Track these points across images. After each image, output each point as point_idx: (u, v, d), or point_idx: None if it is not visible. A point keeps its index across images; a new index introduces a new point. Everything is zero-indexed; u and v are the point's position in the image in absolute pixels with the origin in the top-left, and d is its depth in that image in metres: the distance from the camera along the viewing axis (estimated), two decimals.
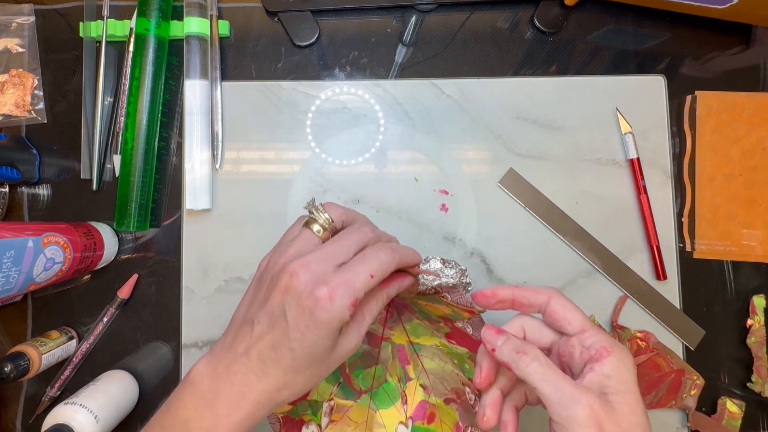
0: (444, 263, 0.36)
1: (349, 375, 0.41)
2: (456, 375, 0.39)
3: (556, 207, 0.46)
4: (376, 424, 0.39)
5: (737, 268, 0.46)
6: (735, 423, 0.44)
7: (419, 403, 0.40)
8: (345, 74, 0.48)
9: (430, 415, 0.39)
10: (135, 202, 0.43)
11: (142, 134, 0.44)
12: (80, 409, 0.38)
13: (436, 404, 0.39)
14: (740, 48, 0.48)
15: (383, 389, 0.40)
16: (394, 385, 0.40)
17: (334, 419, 0.39)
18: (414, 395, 0.40)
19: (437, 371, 0.40)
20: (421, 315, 0.40)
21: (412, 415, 0.40)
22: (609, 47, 0.48)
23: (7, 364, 0.39)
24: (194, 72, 0.45)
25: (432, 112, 0.47)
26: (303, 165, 0.46)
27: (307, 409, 0.39)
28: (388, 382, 0.40)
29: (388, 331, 0.41)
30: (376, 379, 0.40)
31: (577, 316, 0.30)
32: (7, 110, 0.47)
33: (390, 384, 0.40)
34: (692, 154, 0.46)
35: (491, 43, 0.48)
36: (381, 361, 0.41)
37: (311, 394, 0.39)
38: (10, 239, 0.34)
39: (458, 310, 0.37)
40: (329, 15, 0.48)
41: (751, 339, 0.45)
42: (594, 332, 0.29)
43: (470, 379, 0.38)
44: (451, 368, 0.40)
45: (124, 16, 0.47)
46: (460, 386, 0.39)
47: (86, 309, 0.46)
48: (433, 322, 0.40)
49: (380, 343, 0.41)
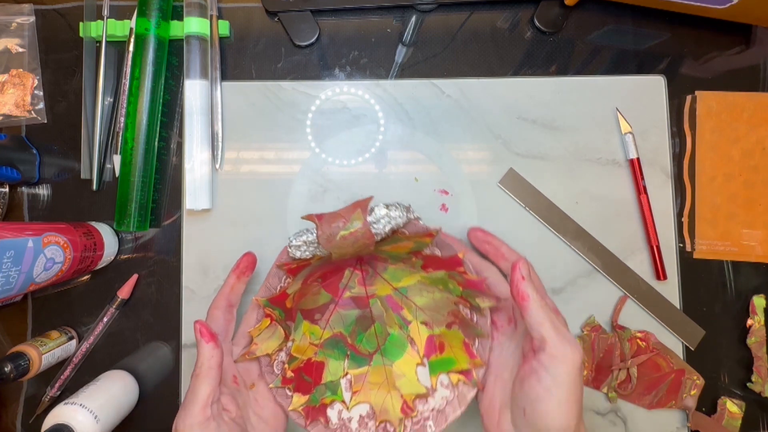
0: (388, 207, 0.37)
1: (353, 344, 0.41)
2: (446, 299, 0.40)
3: (556, 207, 0.46)
4: (396, 376, 0.40)
5: (737, 268, 0.46)
6: (735, 423, 0.44)
7: (426, 340, 0.41)
8: (345, 74, 0.48)
9: (440, 345, 0.40)
10: (135, 202, 0.43)
11: (142, 134, 0.44)
12: (80, 409, 0.38)
13: (441, 333, 0.40)
14: (740, 48, 0.48)
15: (389, 342, 0.41)
16: (397, 334, 0.41)
17: (355, 390, 0.40)
18: (419, 335, 0.41)
19: (429, 304, 0.41)
20: (392, 260, 0.41)
21: (424, 353, 0.41)
22: (609, 47, 0.48)
23: (7, 364, 0.39)
24: (194, 72, 0.45)
25: (432, 112, 0.47)
26: (303, 165, 0.46)
27: (325, 392, 0.40)
28: (391, 334, 0.41)
29: (370, 288, 0.42)
30: (379, 336, 0.41)
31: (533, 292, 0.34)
32: (7, 110, 0.47)
33: (393, 335, 0.41)
34: (692, 154, 0.46)
35: (491, 43, 0.48)
36: (376, 318, 0.42)
37: (324, 376, 0.40)
38: (10, 239, 0.34)
39: (419, 239, 0.38)
40: (329, 15, 0.48)
41: (751, 339, 0.45)
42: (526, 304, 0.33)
43: (459, 296, 0.39)
44: (440, 295, 0.40)
45: (124, 16, 0.47)
46: (454, 307, 0.40)
47: (86, 309, 0.46)
48: (405, 261, 0.40)
49: (368, 303, 0.42)
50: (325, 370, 0.40)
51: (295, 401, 0.38)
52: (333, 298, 0.42)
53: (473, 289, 0.38)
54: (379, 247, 0.38)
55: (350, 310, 0.42)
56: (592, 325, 0.45)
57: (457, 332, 0.39)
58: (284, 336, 0.39)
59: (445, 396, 0.39)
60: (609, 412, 0.45)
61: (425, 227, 0.38)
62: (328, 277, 0.41)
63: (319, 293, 0.41)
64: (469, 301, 0.39)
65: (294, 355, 0.39)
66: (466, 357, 0.39)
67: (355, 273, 0.42)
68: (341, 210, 0.37)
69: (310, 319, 0.41)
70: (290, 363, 0.39)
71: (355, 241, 0.36)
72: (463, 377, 0.39)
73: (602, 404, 0.45)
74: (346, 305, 0.42)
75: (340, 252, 0.37)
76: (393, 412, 0.39)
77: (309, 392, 0.39)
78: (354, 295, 0.42)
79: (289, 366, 0.39)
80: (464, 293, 0.39)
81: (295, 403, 0.38)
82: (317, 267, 0.40)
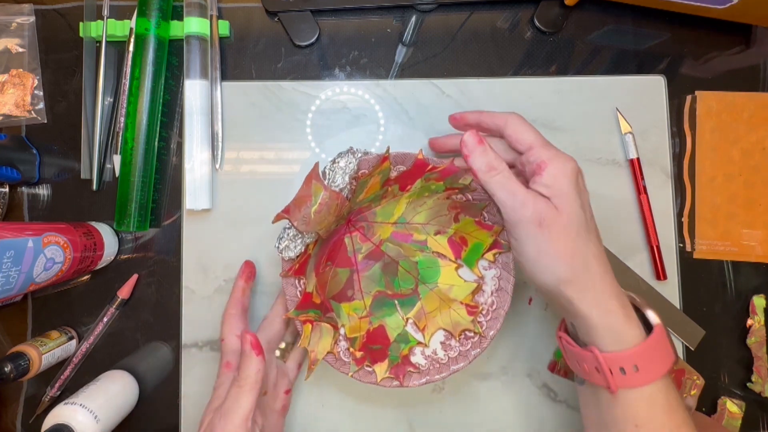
0: (334, 162, 0.38)
1: (394, 293, 0.42)
2: (438, 200, 0.41)
3: None
4: (447, 291, 0.42)
5: (737, 268, 0.46)
6: (735, 423, 0.44)
7: (449, 244, 0.42)
8: (345, 74, 0.48)
9: (461, 240, 0.42)
10: (135, 202, 0.43)
11: (142, 134, 0.44)
12: (80, 409, 0.38)
13: (455, 230, 0.42)
14: (740, 48, 0.48)
15: (421, 269, 0.43)
16: (423, 258, 0.43)
17: (422, 326, 0.41)
18: (440, 245, 0.42)
19: (429, 214, 0.42)
20: (374, 202, 0.41)
21: (455, 257, 0.42)
22: (609, 47, 0.48)
23: (7, 364, 0.39)
24: (194, 72, 0.45)
25: (432, 112, 0.47)
26: (303, 165, 0.46)
27: (399, 346, 0.41)
28: (419, 261, 0.43)
29: (374, 238, 0.43)
30: (410, 270, 0.43)
31: (528, 136, 0.34)
32: (7, 110, 0.47)
33: (420, 261, 0.43)
34: (692, 154, 0.46)
35: (491, 43, 0.48)
36: (396, 258, 0.43)
37: (390, 335, 0.41)
38: (10, 239, 0.34)
39: (380, 170, 0.38)
40: (329, 15, 0.48)
41: (751, 339, 0.45)
42: (538, 149, 0.33)
43: (445, 189, 0.40)
44: (431, 201, 0.41)
45: (124, 16, 0.47)
46: (448, 201, 0.41)
47: (86, 309, 0.46)
48: (385, 196, 0.41)
49: (381, 251, 0.43)
50: (388, 330, 0.41)
51: (379, 371, 0.39)
52: (351, 269, 0.42)
53: (450, 175, 0.39)
54: (355, 200, 0.39)
55: (372, 267, 0.43)
56: None
57: (466, 219, 0.41)
58: (333, 328, 0.40)
59: (494, 275, 0.41)
60: None
61: (377, 156, 0.39)
62: (334, 256, 0.42)
63: (336, 275, 0.42)
64: (454, 187, 0.39)
65: (351, 336, 0.40)
66: (485, 233, 0.40)
67: (354, 235, 0.43)
68: (299, 192, 0.37)
69: (345, 299, 0.41)
70: (353, 345, 0.40)
71: (329, 208, 0.36)
72: (495, 249, 0.41)
73: None
74: (365, 267, 0.43)
75: (324, 226, 0.37)
76: (463, 320, 0.40)
77: (385, 356, 0.40)
78: (366, 254, 0.43)
79: (354, 348, 0.40)
80: (446, 184, 0.39)
81: (380, 373, 0.39)
82: (318, 254, 0.40)
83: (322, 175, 0.38)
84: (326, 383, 0.45)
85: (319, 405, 0.45)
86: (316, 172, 0.36)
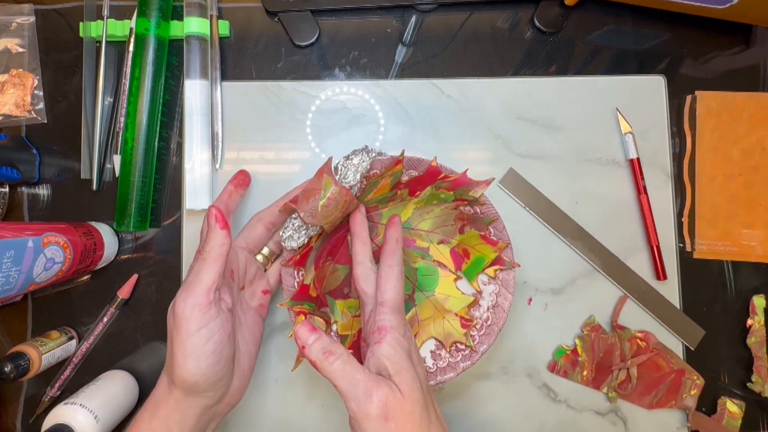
0: (347, 158, 0.38)
1: None
2: (446, 209, 0.41)
3: (556, 207, 0.46)
4: (443, 300, 0.42)
5: (737, 268, 0.46)
6: (735, 423, 0.44)
7: (451, 254, 0.42)
8: (345, 74, 0.48)
9: (464, 252, 0.42)
10: (135, 202, 0.43)
11: (142, 134, 0.44)
12: (80, 409, 0.38)
13: (459, 241, 0.42)
14: (740, 48, 0.48)
15: (420, 276, 0.42)
16: (423, 265, 0.42)
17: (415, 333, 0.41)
18: (442, 254, 0.42)
19: (435, 222, 0.42)
20: (381, 204, 0.41)
21: (455, 267, 0.42)
22: (609, 47, 0.48)
23: (7, 364, 0.39)
24: (194, 72, 0.45)
25: (432, 112, 0.47)
26: (303, 165, 0.46)
27: None
28: (418, 268, 0.42)
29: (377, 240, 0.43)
30: (409, 277, 0.42)
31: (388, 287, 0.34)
32: (7, 110, 0.47)
33: (420, 268, 0.42)
34: (692, 154, 0.46)
35: (491, 43, 0.48)
36: None
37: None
38: (10, 239, 0.34)
39: (392, 171, 0.38)
40: (329, 15, 0.48)
41: (751, 339, 0.45)
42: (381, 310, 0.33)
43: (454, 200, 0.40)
44: (439, 209, 0.41)
45: (124, 16, 0.47)
46: (456, 212, 0.41)
47: (86, 309, 0.46)
48: (393, 198, 0.41)
49: None
50: None
51: None
52: (350, 267, 0.42)
53: (461, 186, 0.39)
54: (364, 199, 0.39)
55: None
56: (592, 325, 0.45)
57: (471, 231, 0.41)
58: (325, 323, 0.40)
59: (492, 290, 0.41)
60: (609, 412, 0.45)
61: (391, 157, 0.39)
62: (335, 252, 0.42)
63: (335, 270, 0.41)
64: (464, 198, 0.39)
65: (343, 333, 0.40)
66: (489, 248, 0.40)
67: None
68: (309, 184, 0.37)
69: (340, 296, 0.41)
70: (344, 342, 0.40)
71: (337, 203, 0.36)
72: (497, 266, 0.40)
73: (602, 404, 0.45)
74: None
75: (330, 220, 0.37)
76: (456, 332, 0.40)
77: None
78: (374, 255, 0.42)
79: (344, 345, 0.39)
80: (456, 194, 0.39)
81: None
82: (319, 248, 0.40)
83: (335, 170, 0.38)
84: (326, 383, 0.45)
85: (318, 405, 0.45)
86: (328, 167, 0.36)
